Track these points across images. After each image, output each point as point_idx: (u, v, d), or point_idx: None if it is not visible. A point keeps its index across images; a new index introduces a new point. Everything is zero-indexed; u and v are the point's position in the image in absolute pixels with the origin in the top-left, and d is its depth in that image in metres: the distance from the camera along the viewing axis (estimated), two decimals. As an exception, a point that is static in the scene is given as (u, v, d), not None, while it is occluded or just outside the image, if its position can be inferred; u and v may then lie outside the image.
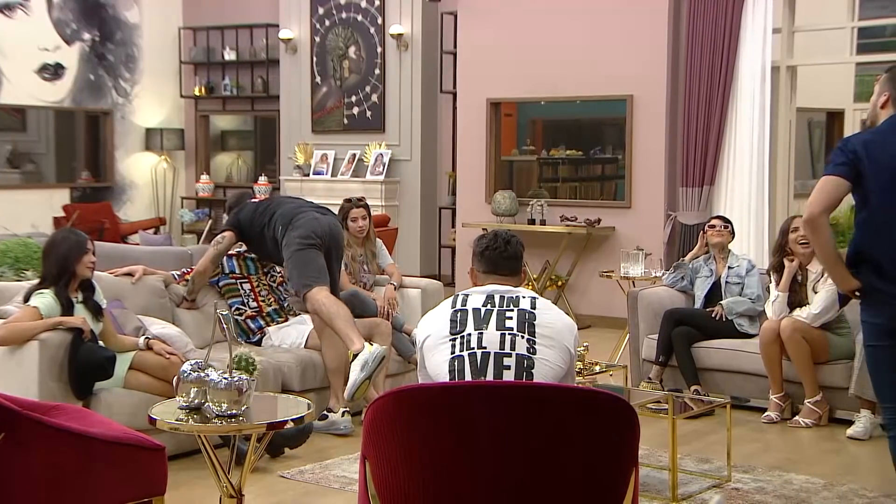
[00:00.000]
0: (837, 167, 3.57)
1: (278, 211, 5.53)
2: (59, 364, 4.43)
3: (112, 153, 12.16)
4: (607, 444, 2.61)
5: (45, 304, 4.49)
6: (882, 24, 9.55)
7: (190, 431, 3.40)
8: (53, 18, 11.59)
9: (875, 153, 3.55)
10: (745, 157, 8.18)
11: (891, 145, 3.56)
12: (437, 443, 2.55)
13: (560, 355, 3.00)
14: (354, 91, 11.29)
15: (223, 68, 12.49)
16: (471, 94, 9.52)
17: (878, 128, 3.64)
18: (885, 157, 3.54)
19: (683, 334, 5.99)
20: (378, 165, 10.97)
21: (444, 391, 2.69)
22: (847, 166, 3.55)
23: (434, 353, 3.02)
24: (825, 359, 5.60)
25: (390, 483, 2.62)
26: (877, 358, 3.63)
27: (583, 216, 8.86)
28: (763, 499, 4.39)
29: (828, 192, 3.52)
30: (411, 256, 10.88)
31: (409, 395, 2.63)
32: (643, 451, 4.63)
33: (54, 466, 3.22)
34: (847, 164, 3.55)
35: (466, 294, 3.09)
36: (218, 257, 5.62)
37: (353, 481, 4.42)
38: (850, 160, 3.55)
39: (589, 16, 8.81)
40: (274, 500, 4.35)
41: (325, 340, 5.31)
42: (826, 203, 3.50)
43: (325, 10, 11.36)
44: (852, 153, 3.55)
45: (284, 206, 5.61)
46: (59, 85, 11.69)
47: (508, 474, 2.54)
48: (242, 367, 3.45)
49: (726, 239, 6.30)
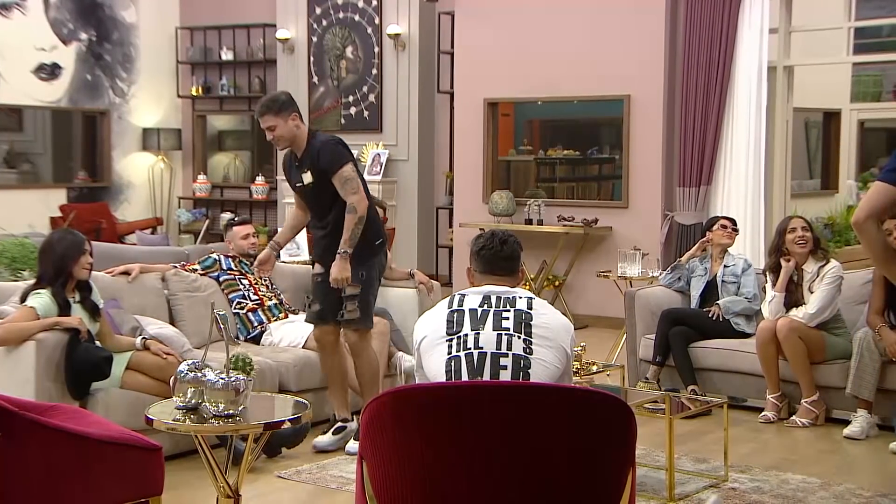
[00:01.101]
0: (887, 173, 3.68)
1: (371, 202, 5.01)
2: (55, 364, 4.43)
3: (109, 153, 12.14)
4: (604, 444, 2.61)
5: (41, 305, 4.48)
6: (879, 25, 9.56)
7: (187, 431, 3.40)
8: (50, 18, 11.57)
9: None
10: (741, 157, 8.18)
11: None
12: (434, 443, 2.55)
13: (556, 355, 3.00)
14: (352, 91, 11.29)
15: (220, 68, 12.47)
16: (468, 94, 9.52)
17: None
18: None
19: (680, 334, 5.99)
20: (375, 165, 10.96)
21: (441, 391, 2.69)
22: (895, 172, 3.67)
23: (431, 354, 3.02)
24: (822, 359, 5.61)
25: (388, 483, 2.62)
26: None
27: (580, 216, 8.86)
28: (760, 498, 4.39)
29: (873, 197, 3.65)
30: (409, 256, 10.87)
31: (407, 395, 2.63)
32: (640, 450, 4.64)
33: (51, 466, 3.22)
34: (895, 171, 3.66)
35: (463, 294, 3.09)
36: None
37: (350, 481, 4.42)
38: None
39: (586, 16, 8.82)
40: (271, 500, 4.35)
41: (361, 354, 5.05)
42: (869, 208, 3.62)
43: (323, 9, 11.35)
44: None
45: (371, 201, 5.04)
46: (56, 85, 11.67)
47: (505, 474, 2.54)
48: (239, 367, 3.46)
49: (733, 240, 6.30)
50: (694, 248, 6.47)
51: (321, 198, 4.97)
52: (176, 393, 3.46)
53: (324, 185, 4.91)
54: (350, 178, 4.87)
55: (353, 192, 4.85)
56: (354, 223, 4.81)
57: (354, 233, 4.82)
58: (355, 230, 4.82)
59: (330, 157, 4.91)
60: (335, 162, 4.90)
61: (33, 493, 3.20)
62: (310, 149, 4.96)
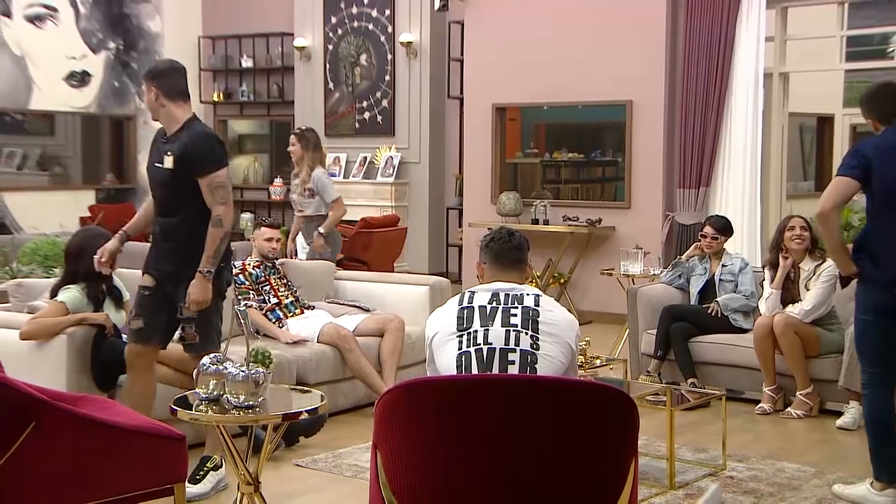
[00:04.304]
0: (849, 169, 3.94)
1: None
2: (85, 357, 4.44)
3: (135, 156, 12.17)
4: (608, 435, 2.60)
5: (71, 299, 4.50)
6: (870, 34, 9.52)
7: (209, 422, 3.40)
8: (80, 28, 11.61)
9: (885, 158, 3.92)
10: (739, 159, 8.16)
11: None
12: (445, 432, 2.54)
13: (562, 350, 2.98)
14: (366, 96, 11.29)
15: (240, 75, 12.49)
16: (477, 99, 9.51)
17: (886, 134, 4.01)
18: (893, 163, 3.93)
19: (681, 329, 5.97)
20: (388, 168, 10.97)
21: (451, 384, 2.68)
22: (858, 169, 3.92)
23: (442, 349, 3.01)
24: (816, 353, 5.58)
25: (400, 471, 2.61)
26: (866, 329, 4.08)
27: (584, 216, 8.84)
28: (757, 486, 4.38)
29: (838, 190, 3.91)
30: (420, 255, 10.88)
31: (418, 387, 2.63)
32: (642, 441, 4.62)
33: (80, 453, 3.22)
34: (858, 167, 3.92)
35: (473, 292, 3.08)
36: None
37: (364, 469, 4.42)
38: (861, 163, 3.92)
39: (590, 24, 8.79)
40: (289, 487, 4.35)
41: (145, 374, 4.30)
42: (836, 200, 3.91)
43: (338, 19, 11.36)
44: (864, 157, 3.93)
45: None
46: (86, 91, 11.72)
47: (513, 463, 2.53)
48: (259, 360, 3.45)
49: (719, 246, 6.26)
50: (690, 249, 6.47)
51: (175, 193, 4.10)
52: (199, 385, 3.46)
53: (183, 179, 4.07)
54: (223, 184, 4.06)
55: (223, 203, 4.04)
56: (220, 238, 4.02)
57: (219, 249, 4.03)
58: (220, 246, 4.03)
59: (205, 153, 4.09)
60: (210, 161, 4.08)
61: (63, 478, 3.20)
62: (183, 133, 4.11)
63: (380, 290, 6.24)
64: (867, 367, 4.12)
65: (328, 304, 6.04)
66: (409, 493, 2.60)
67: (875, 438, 4.11)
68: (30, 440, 3.07)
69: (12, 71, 10.90)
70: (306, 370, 5.28)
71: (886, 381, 4.10)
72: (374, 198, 10.98)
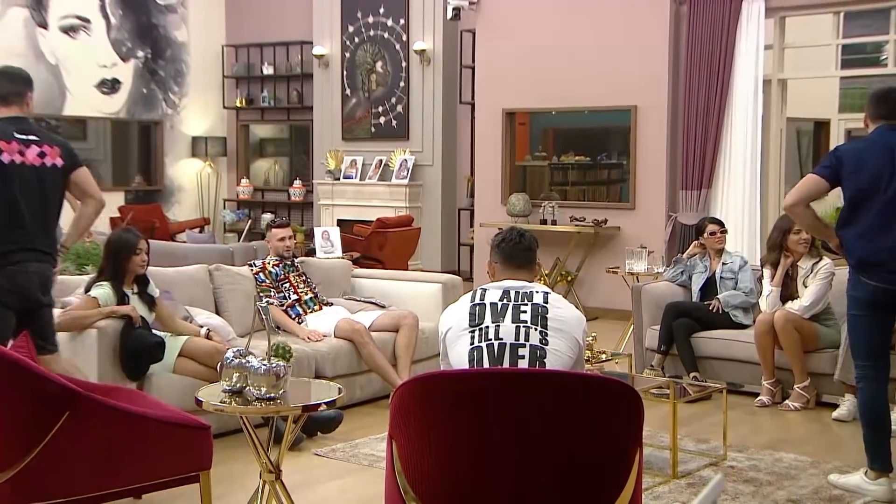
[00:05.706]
0: (822, 169, 4.01)
1: None
2: (115, 350, 4.46)
3: (162, 159, 12.22)
4: (614, 426, 2.59)
5: (103, 295, 4.53)
6: (864, 42, 9.47)
7: (233, 413, 3.41)
8: (111, 38, 11.66)
9: (861, 158, 3.96)
10: (739, 162, 8.13)
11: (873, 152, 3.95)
12: (457, 423, 2.55)
13: (570, 345, 2.98)
14: (381, 102, 11.30)
15: (262, 82, 12.52)
16: (488, 104, 9.51)
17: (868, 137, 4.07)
18: (868, 162, 3.95)
19: (683, 325, 5.96)
20: (403, 170, 10.97)
21: (464, 377, 2.68)
22: (829, 168, 3.98)
23: (456, 344, 3.01)
24: (813, 347, 5.57)
25: (414, 460, 2.62)
26: (858, 325, 4.09)
27: (590, 217, 8.83)
28: (756, 476, 4.37)
29: (805, 187, 3.99)
30: (433, 254, 10.89)
31: (433, 380, 2.63)
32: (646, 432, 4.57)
33: (112, 442, 3.24)
34: (829, 167, 3.99)
35: (484, 289, 3.08)
36: None
37: (381, 459, 4.43)
38: (832, 164, 3.98)
39: (597, 32, 8.78)
40: (309, 475, 4.36)
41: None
42: (799, 196, 3.97)
43: (355, 28, 11.37)
44: (836, 159, 3.98)
45: None
46: (116, 98, 11.77)
47: (522, 452, 2.53)
48: (280, 354, 3.46)
49: (724, 243, 6.27)
50: (690, 248, 6.45)
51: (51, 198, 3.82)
52: (223, 377, 3.48)
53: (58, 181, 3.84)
54: None
55: None
56: None
57: None
58: None
59: (72, 151, 3.94)
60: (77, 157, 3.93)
61: (95, 466, 3.22)
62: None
63: (394, 287, 6.24)
64: (861, 362, 4.12)
65: (346, 301, 6.05)
66: (423, 481, 2.61)
67: (869, 429, 4.10)
68: (64, 429, 3.09)
69: (47, 79, 10.95)
70: (324, 364, 5.29)
71: (879, 375, 4.09)
72: (389, 199, 10.99)
